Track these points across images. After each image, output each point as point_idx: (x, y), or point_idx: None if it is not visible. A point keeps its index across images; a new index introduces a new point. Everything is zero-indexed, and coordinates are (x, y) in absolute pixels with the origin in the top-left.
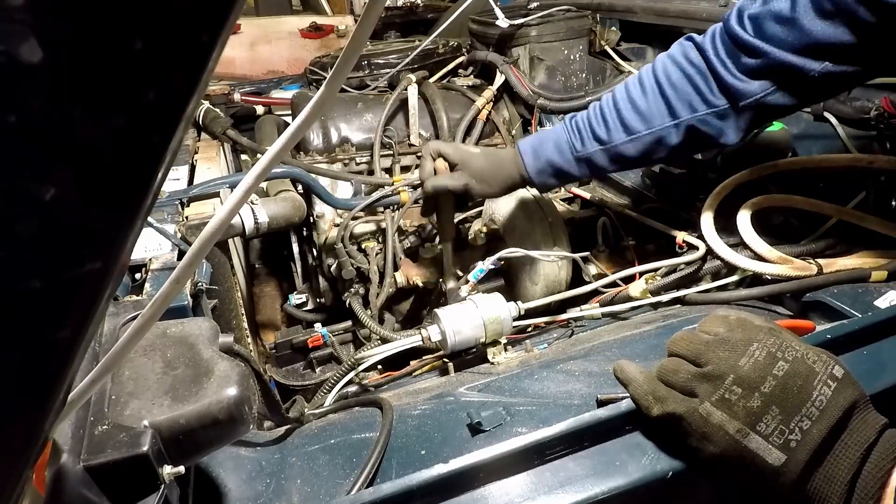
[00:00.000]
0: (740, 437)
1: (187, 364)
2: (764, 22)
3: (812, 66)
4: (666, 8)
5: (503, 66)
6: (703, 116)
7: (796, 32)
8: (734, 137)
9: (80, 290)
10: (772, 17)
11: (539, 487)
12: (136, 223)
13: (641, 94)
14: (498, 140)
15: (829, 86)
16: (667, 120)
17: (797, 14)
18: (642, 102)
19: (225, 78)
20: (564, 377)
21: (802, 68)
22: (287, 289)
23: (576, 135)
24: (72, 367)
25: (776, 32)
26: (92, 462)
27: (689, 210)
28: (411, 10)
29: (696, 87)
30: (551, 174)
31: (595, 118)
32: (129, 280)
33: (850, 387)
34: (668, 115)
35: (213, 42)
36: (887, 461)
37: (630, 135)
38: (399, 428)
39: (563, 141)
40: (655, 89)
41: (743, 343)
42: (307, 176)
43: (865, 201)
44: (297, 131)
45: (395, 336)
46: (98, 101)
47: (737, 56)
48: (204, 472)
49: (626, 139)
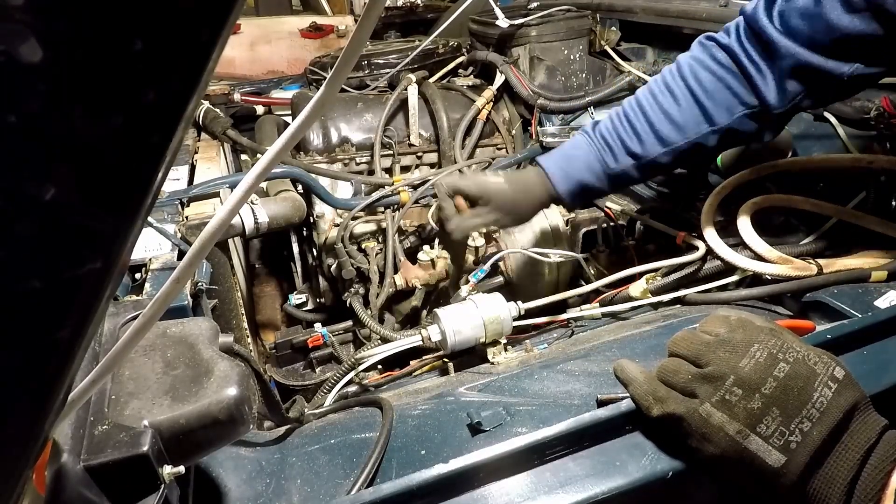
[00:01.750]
0: (740, 438)
1: (187, 364)
2: (790, 18)
3: (842, 70)
4: (666, 8)
5: (503, 66)
6: (740, 118)
7: (823, 28)
8: (769, 136)
9: (80, 290)
10: (797, 13)
11: (539, 487)
12: (136, 223)
13: (673, 103)
14: (498, 140)
15: (854, 87)
16: (704, 127)
17: (823, 9)
18: (675, 111)
19: (225, 78)
20: (564, 377)
21: (832, 72)
22: (287, 289)
23: (607, 150)
24: (72, 367)
25: (802, 29)
26: (92, 462)
27: (689, 210)
28: (411, 10)
29: (732, 89)
30: (581, 193)
31: (625, 131)
32: (129, 280)
33: (850, 388)
34: (704, 121)
35: (213, 42)
36: (887, 463)
37: (666, 146)
38: (399, 428)
39: (593, 159)
40: (688, 96)
41: (744, 344)
42: (307, 176)
43: (865, 201)
44: (297, 131)
45: (395, 336)
46: (98, 100)
47: (767, 56)
48: (204, 472)
49: (662, 151)
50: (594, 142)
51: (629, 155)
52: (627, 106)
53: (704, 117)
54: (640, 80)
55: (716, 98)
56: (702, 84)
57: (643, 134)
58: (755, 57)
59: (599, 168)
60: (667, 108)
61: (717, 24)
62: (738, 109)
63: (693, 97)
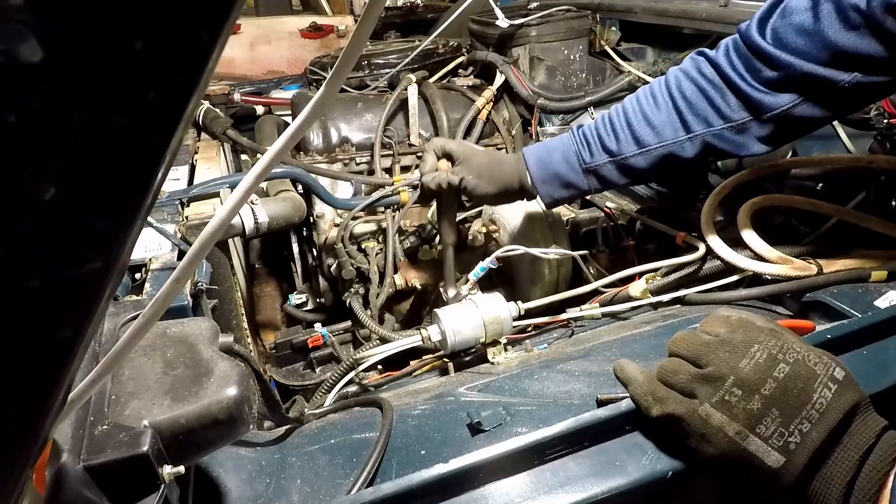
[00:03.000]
0: (739, 439)
1: (187, 364)
2: (785, 35)
3: (841, 77)
4: (666, 8)
5: (503, 66)
6: (718, 131)
7: (820, 45)
8: (758, 149)
9: (79, 290)
10: (793, 29)
11: (539, 487)
12: (136, 223)
13: (654, 107)
14: (498, 140)
15: (860, 95)
16: (680, 134)
17: (821, 27)
18: (654, 115)
19: (225, 78)
20: (564, 377)
21: (830, 79)
22: (287, 289)
23: (584, 145)
24: (72, 367)
25: (799, 45)
26: (92, 462)
27: (689, 210)
28: (411, 10)
29: (712, 101)
30: (558, 185)
31: (604, 129)
32: (129, 280)
33: (850, 389)
34: (681, 128)
35: (212, 42)
36: (885, 463)
37: (641, 147)
38: (399, 428)
39: (570, 152)
40: (669, 103)
41: (744, 344)
42: (307, 176)
43: (865, 201)
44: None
45: (394, 336)
46: (98, 100)
47: (756, 69)
48: (204, 472)
49: (637, 151)
50: (574, 136)
51: (605, 151)
52: (612, 110)
53: (682, 124)
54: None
55: (695, 107)
56: (683, 93)
57: (620, 132)
58: (740, 68)
59: (575, 160)
60: (647, 111)
61: (716, 24)
62: (717, 122)
63: (673, 104)
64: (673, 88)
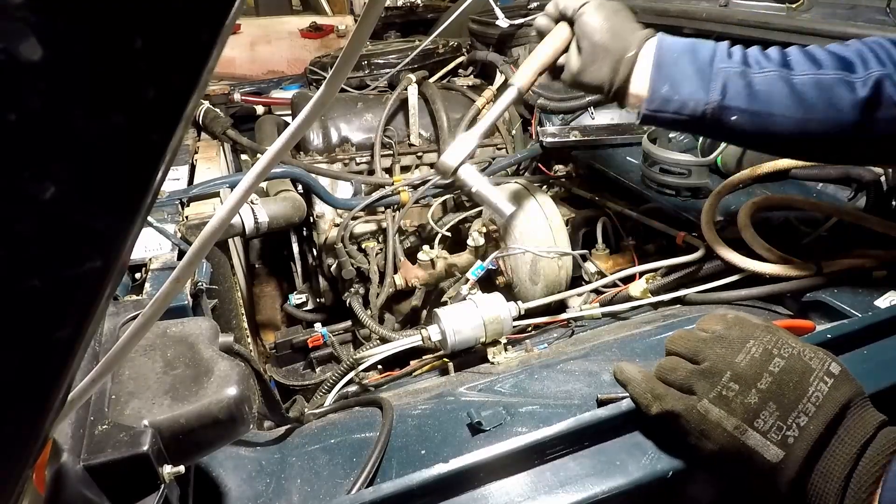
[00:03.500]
0: (738, 433)
1: (187, 364)
2: None
3: None
4: (666, 8)
5: (503, 65)
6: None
7: None
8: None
9: (79, 290)
10: None
11: (539, 487)
12: (136, 222)
13: (819, 48)
14: (498, 140)
15: None
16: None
17: None
18: (821, 52)
19: (225, 78)
20: (564, 377)
21: None
22: (287, 289)
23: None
24: (72, 366)
25: None
26: (92, 462)
27: (689, 210)
28: (411, 10)
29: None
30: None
31: (763, 54)
32: (129, 280)
33: (846, 383)
34: (860, 64)
35: (212, 41)
36: (882, 457)
37: (816, 67)
38: (399, 428)
39: (707, 49)
40: (836, 47)
41: (739, 340)
42: (307, 176)
43: (865, 201)
44: (297, 131)
45: (394, 336)
46: (98, 99)
47: None
48: (204, 472)
49: (810, 70)
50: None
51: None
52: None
53: (860, 59)
54: None
55: (869, 44)
56: (856, 43)
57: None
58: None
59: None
60: (811, 50)
61: (716, 24)
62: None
63: (840, 46)
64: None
